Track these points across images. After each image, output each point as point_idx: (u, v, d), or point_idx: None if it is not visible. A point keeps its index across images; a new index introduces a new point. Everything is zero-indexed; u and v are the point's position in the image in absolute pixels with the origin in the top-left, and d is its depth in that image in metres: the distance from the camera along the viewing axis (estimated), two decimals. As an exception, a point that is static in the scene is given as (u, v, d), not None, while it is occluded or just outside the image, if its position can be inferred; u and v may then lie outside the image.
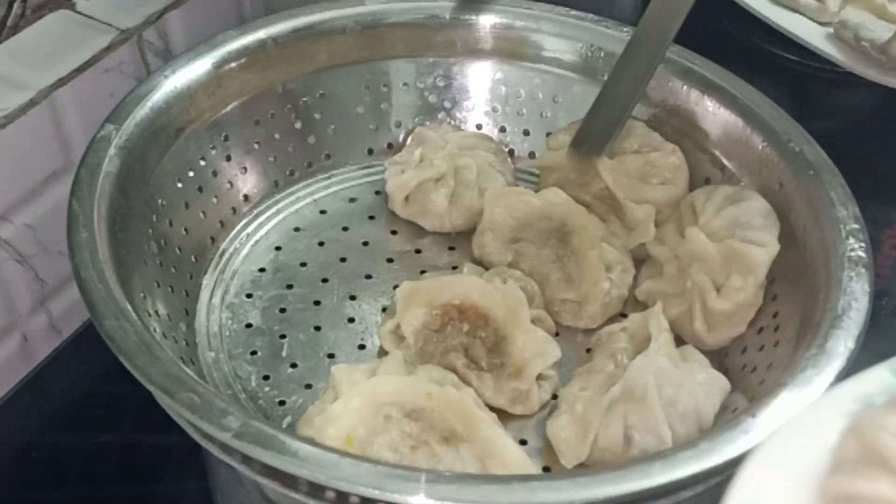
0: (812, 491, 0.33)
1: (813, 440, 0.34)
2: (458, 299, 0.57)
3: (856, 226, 0.55)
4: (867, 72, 0.78)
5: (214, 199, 0.65)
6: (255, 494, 0.53)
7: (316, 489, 0.44)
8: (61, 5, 0.67)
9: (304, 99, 0.68)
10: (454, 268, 0.64)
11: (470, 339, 0.57)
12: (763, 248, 0.57)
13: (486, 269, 0.63)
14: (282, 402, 0.57)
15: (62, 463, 0.62)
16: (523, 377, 0.55)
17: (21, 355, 0.66)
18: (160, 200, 0.61)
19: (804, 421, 0.35)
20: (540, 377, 0.56)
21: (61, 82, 0.63)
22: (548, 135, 0.69)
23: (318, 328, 0.60)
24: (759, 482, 0.33)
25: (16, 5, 0.64)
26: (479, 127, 0.71)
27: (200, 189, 0.64)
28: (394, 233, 0.67)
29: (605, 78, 0.66)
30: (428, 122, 0.70)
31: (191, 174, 0.63)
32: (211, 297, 0.62)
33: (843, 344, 0.49)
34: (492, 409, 0.54)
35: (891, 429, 0.32)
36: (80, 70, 0.64)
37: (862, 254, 0.54)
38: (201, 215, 0.64)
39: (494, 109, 0.71)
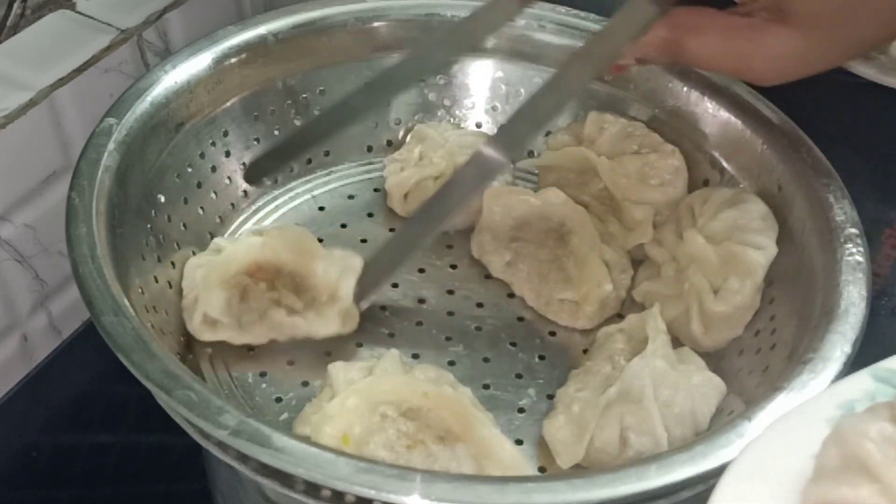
0: (793, 499, 0.33)
1: (794, 447, 0.34)
2: (244, 263, 0.58)
3: (854, 230, 0.55)
4: (867, 72, 0.78)
5: (213, 195, 0.65)
6: (255, 494, 0.53)
7: (312, 488, 0.45)
8: (61, 5, 0.67)
9: (304, 95, 0.68)
10: (453, 266, 0.64)
11: (275, 293, 0.57)
12: (761, 251, 0.57)
13: (486, 268, 0.63)
14: (278, 399, 0.57)
15: (62, 463, 0.62)
16: (340, 296, 0.57)
17: (21, 355, 0.66)
18: (159, 196, 0.61)
19: (785, 427, 0.35)
20: None
21: (61, 82, 0.63)
22: (547, 134, 0.69)
23: (315, 325, 0.61)
24: (739, 489, 0.33)
25: (16, 5, 0.64)
26: (478, 125, 0.71)
27: (199, 184, 0.64)
28: (392, 230, 0.67)
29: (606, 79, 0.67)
30: (428, 120, 0.70)
31: (190, 170, 0.63)
32: (209, 293, 0.62)
33: (839, 349, 0.49)
34: (333, 339, 0.57)
35: (872, 436, 0.32)
36: (79, 70, 0.64)
37: (860, 258, 0.54)
38: (200, 211, 0.64)
39: (494, 108, 0.71)
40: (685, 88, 0.65)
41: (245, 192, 0.66)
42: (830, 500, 0.32)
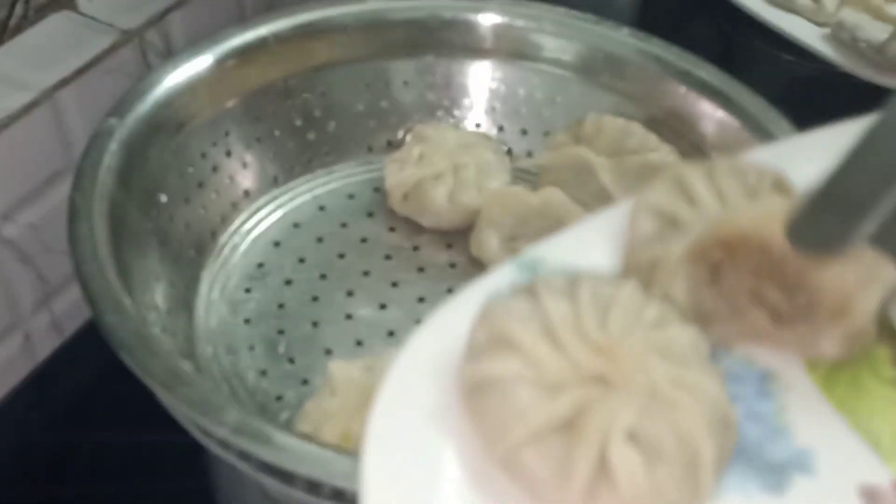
0: (451, 383, 0.34)
1: (450, 337, 0.35)
2: None
3: (850, 229, 0.55)
4: (864, 72, 0.78)
5: (214, 195, 0.65)
6: (256, 492, 0.53)
7: (313, 486, 0.45)
8: (63, 6, 0.67)
9: (305, 96, 0.68)
10: (453, 266, 0.65)
11: None
12: (758, 250, 0.57)
13: (486, 267, 0.63)
14: (279, 398, 0.57)
15: (64, 462, 0.63)
16: None
17: (23, 354, 0.67)
18: (161, 195, 0.61)
19: (440, 321, 0.36)
20: None
21: (63, 83, 0.63)
22: (546, 134, 0.69)
23: (315, 324, 0.61)
24: (400, 384, 0.34)
25: (18, 6, 0.64)
26: (477, 126, 0.71)
27: (201, 184, 0.64)
28: (392, 230, 0.67)
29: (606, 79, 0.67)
30: (427, 121, 0.71)
31: (191, 169, 0.63)
32: (210, 292, 0.62)
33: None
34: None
35: (514, 313, 0.34)
36: (82, 71, 0.64)
37: (856, 258, 0.54)
38: (201, 210, 0.64)
39: (493, 108, 0.71)
40: (682, 89, 0.65)
41: (246, 191, 0.67)
42: (481, 375, 0.33)
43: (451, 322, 0.36)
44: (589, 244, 0.39)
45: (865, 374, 0.38)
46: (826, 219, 0.33)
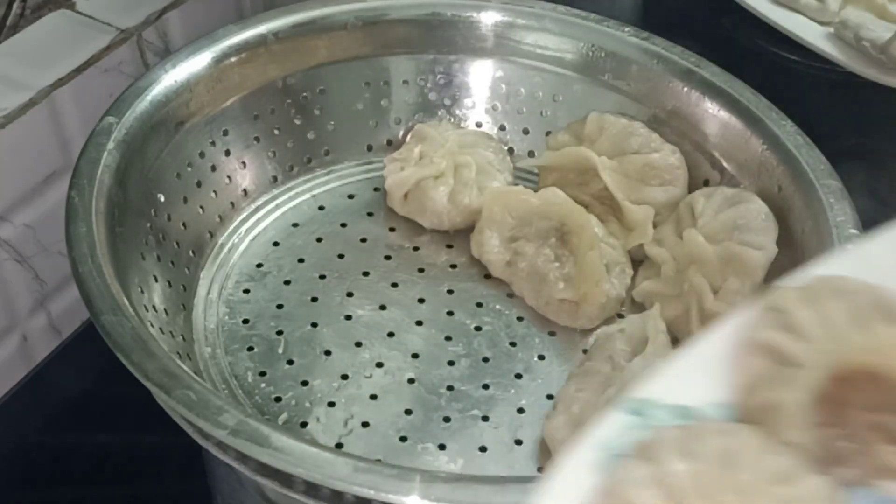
0: None
1: (566, 497, 0.33)
2: None
3: (854, 231, 0.55)
4: (868, 72, 0.77)
5: (213, 194, 0.65)
6: (255, 494, 0.53)
7: (311, 488, 0.45)
8: (61, 5, 0.67)
9: (304, 94, 0.68)
10: (453, 266, 0.64)
11: None
12: (761, 251, 0.57)
13: (486, 268, 0.63)
14: (278, 399, 0.57)
15: (62, 463, 0.62)
16: None
17: (20, 355, 0.67)
18: (159, 195, 0.61)
19: (552, 483, 0.35)
20: None
21: (61, 82, 0.63)
22: (547, 134, 0.69)
23: (314, 325, 0.60)
24: None
25: (15, 5, 0.64)
26: (478, 125, 0.71)
27: (199, 184, 0.64)
28: (392, 230, 0.67)
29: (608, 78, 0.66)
30: (428, 120, 0.70)
31: (189, 169, 0.63)
32: (208, 292, 0.62)
33: (839, 349, 0.49)
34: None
35: (643, 482, 0.32)
36: (79, 70, 0.64)
37: (859, 258, 0.54)
38: (200, 210, 0.64)
39: (494, 108, 0.71)
40: (685, 88, 0.65)
41: (245, 190, 0.66)
42: None
43: (567, 486, 0.34)
44: (694, 378, 0.37)
45: None
46: None
